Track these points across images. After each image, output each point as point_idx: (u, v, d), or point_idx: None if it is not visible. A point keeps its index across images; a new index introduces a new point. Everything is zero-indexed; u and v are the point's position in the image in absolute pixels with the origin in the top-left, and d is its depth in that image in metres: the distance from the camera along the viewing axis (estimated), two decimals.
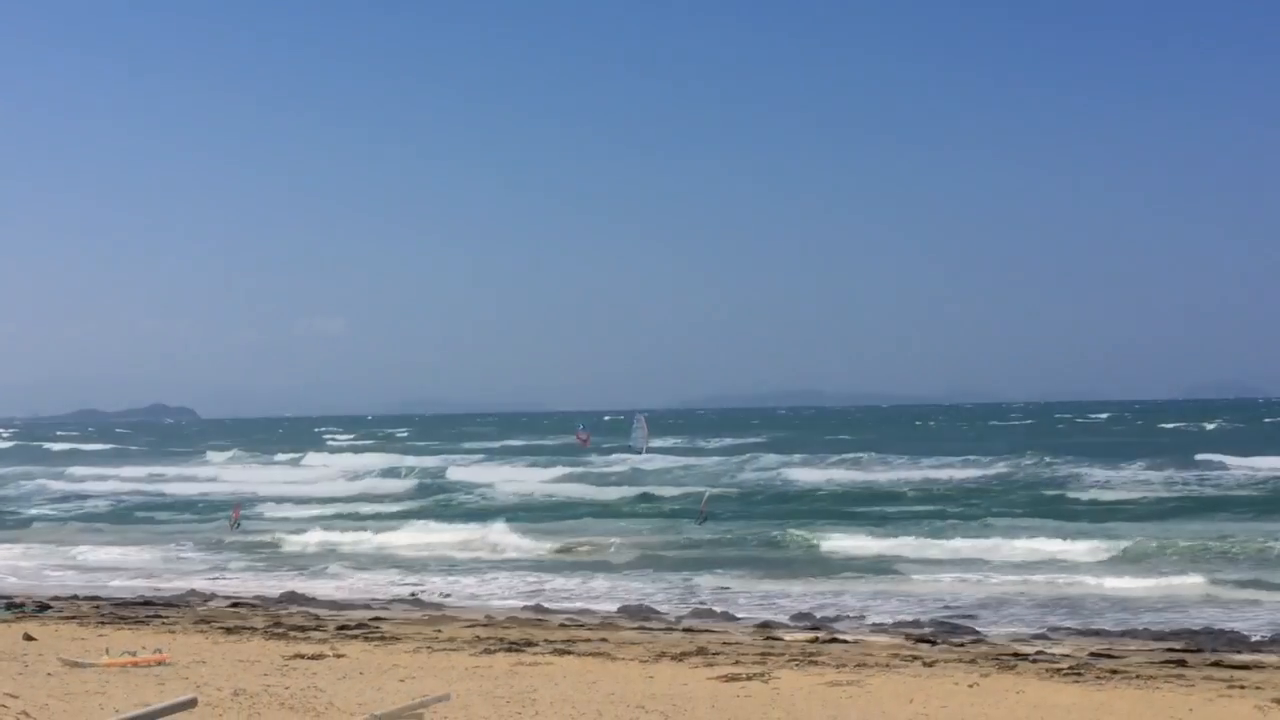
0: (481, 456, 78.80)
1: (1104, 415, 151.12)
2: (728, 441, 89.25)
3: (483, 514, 44.57)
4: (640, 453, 73.86)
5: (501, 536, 36.89)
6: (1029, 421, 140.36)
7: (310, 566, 32.38)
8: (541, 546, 35.29)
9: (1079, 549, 30.90)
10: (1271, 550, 29.44)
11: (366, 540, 37.33)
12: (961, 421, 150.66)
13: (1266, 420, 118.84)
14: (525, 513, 44.95)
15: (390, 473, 68.06)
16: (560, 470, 63.90)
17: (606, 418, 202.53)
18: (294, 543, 37.39)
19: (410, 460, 76.15)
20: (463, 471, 65.63)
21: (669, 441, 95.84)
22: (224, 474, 70.74)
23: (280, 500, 51.39)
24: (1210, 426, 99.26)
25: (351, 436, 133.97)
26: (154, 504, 53.83)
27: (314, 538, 37.91)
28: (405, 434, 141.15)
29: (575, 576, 29.91)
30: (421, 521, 42.12)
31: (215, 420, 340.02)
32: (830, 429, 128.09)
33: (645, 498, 48.73)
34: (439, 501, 51.04)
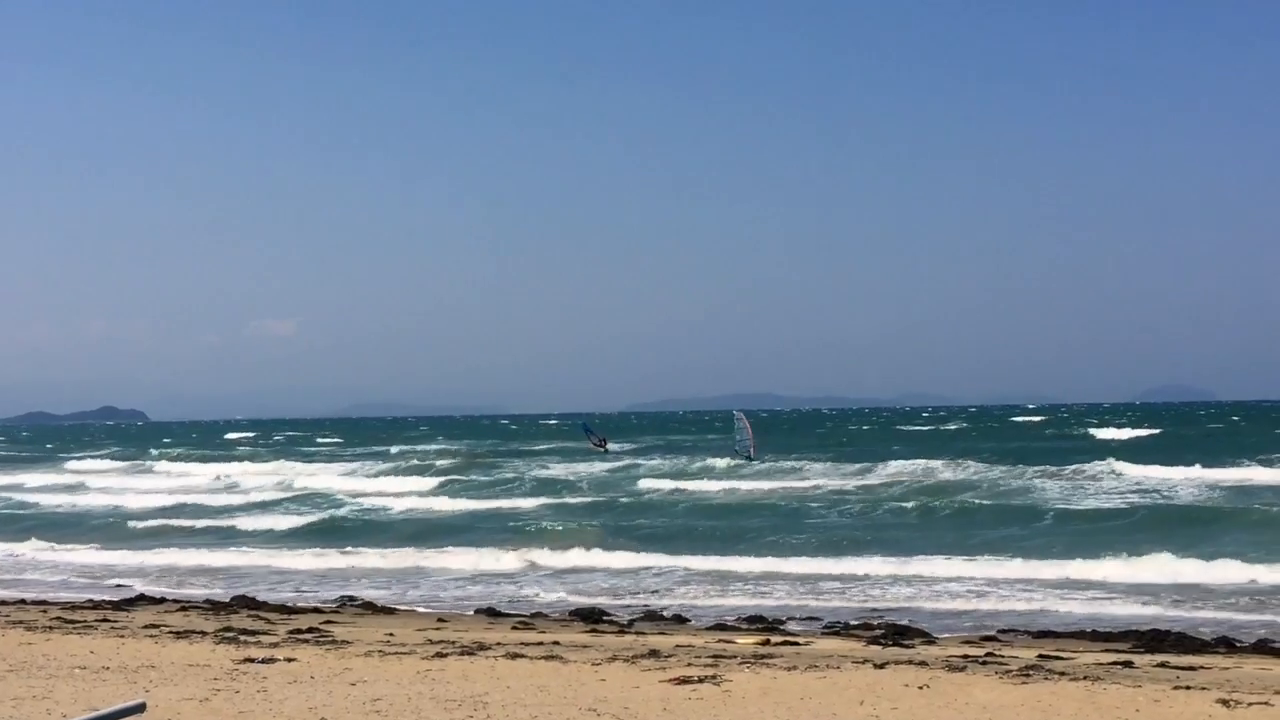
0: (374, 463, 74.10)
1: (1036, 418, 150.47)
2: (629, 446, 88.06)
3: (332, 532, 41.18)
4: (749, 457, 66.32)
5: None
6: (957, 426, 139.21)
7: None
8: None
9: (985, 561, 30.24)
10: (1205, 558, 29.21)
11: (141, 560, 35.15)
12: (899, 423, 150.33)
13: (1210, 426, 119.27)
14: (382, 532, 41.11)
15: (230, 486, 63.05)
16: (441, 479, 60.85)
17: (552, 421, 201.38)
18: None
19: (295, 467, 72.64)
20: (338, 482, 61.83)
21: (555, 444, 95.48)
22: (81, 481, 68.57)
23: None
24: (1129, 434, 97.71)
25: (280, 441, 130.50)
26: None
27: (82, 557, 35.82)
28: (333, 439, 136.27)
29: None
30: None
31: (163, 423, 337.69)
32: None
33: (556, 507, 46.61)
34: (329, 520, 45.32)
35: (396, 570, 32.23)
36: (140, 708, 6.29)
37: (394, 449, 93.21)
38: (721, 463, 65.03)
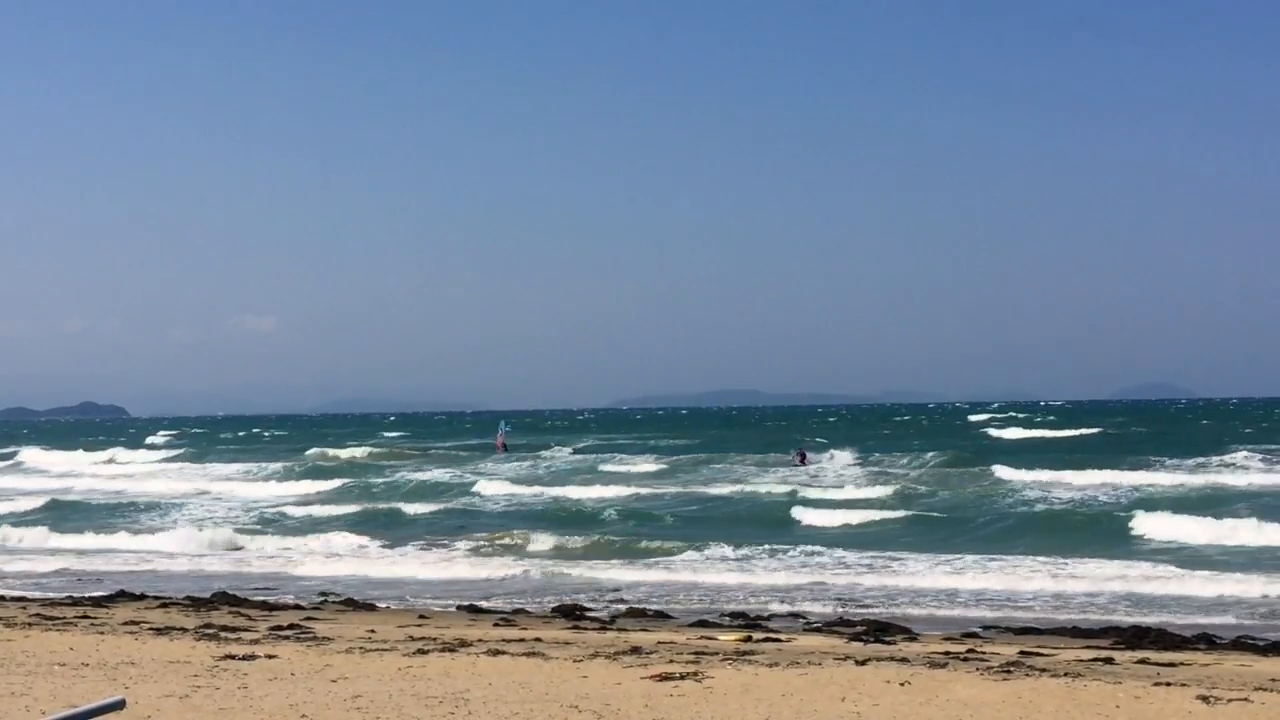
0: (285, 464, 72.39)
1: (992, 415, 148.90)
2: (552, 447, 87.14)
3: None
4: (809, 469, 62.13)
5: None
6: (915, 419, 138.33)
7: None
8: None
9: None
10: (1178, 559, 29.59)
11: None
12: (866, 419, 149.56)
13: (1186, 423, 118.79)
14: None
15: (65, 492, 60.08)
16: (340, 482, 59.53)
17: (527, 419, 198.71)
18: None
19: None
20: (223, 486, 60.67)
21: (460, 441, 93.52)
22: None
23: None
24: (1076, 432, 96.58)
25: (226, 438, 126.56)
26: None
27: None
28: (271, 435, 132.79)
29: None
30: None
31: (142, 419, 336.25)
32: (698, 429, 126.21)
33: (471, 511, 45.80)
34: None
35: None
36: (120, 704, 6.26)
37: (311, 450, 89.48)
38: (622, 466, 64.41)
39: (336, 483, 59.09)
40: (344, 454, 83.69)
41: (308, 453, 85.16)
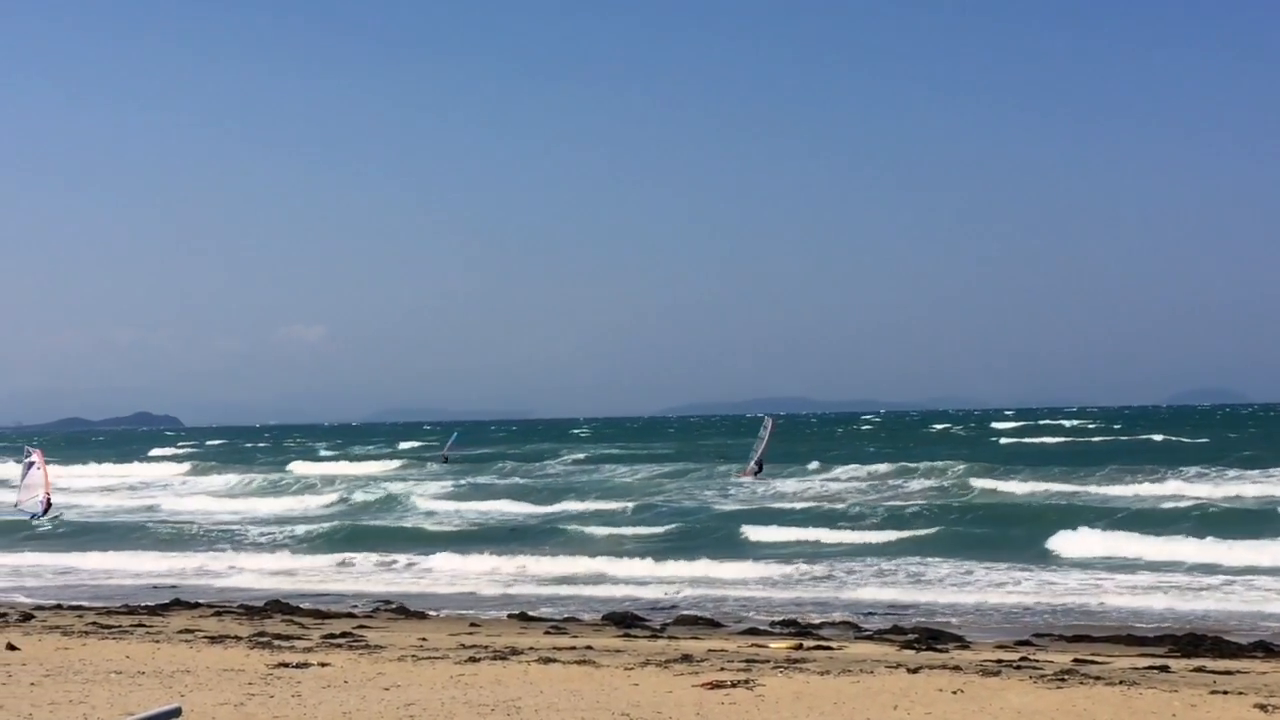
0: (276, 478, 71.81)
1: (1011, 424, 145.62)
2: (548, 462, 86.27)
3: None
4: (741, 475, 60.17)
5: None
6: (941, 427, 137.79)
7: None
8: None
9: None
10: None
11: None
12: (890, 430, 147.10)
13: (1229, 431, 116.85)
14: None
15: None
16: (334, 497, 58.62)
17: (582, 429, 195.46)
18: None
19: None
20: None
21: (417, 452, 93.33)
22: None
23: None
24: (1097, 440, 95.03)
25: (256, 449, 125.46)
26: None
27: None
28: (298, 443, 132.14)
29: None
30: None
31: (198, 428, 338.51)
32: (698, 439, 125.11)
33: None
34: None
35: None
36: (176, 712, 6.34)
37: (293, 464, 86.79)
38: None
39: (296, 499, 59.36)
40: (321, 469, 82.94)
41: (289, 466, 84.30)
